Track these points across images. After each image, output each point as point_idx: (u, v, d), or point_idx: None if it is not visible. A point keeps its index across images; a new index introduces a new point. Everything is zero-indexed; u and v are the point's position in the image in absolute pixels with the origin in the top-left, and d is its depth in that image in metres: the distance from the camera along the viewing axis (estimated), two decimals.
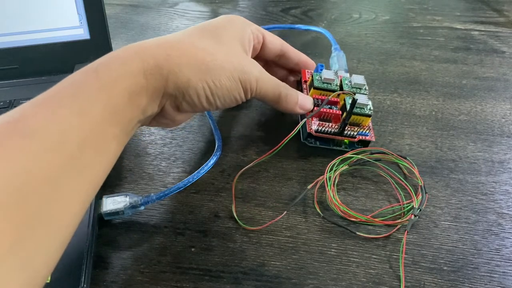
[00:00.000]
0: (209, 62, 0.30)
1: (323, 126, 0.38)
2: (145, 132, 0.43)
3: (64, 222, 0.22)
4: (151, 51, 0.28)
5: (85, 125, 0.24)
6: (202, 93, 0.30)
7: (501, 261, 0.31)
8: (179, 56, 0.29)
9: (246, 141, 0.42)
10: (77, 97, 0.24)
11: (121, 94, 0.26)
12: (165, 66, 0.28)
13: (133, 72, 0.27)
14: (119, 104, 0.26)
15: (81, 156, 0.23)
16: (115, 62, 0.27)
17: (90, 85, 0.25)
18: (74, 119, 0.23)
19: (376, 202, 0.35)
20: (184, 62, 0.29)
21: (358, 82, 0.39)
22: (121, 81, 0.26)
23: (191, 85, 0.29)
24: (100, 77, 0.26)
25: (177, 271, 0.31)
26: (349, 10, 0.66)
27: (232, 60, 0.31)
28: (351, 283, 0.30)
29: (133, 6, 0.67)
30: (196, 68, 0.29)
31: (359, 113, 0.37)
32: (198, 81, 0.29)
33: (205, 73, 0.30)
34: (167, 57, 0.28)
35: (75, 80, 0.26)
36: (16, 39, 0.44)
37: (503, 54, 0.54)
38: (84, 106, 0.24)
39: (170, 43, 0.30)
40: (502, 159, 0.39)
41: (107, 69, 0.26)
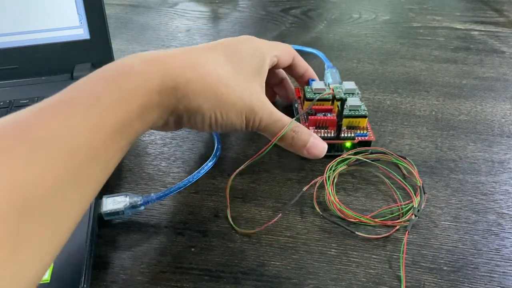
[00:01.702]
0: (223, 96, 0.30)
1: (320, 133, 0.38)
2: (145, 132, 0.43)
3: (62, 232, 0.22)
4: (173, 73, 0.28)
5: (97, 138, 0.23)
6: (207, 121, 0.31)
7: (501, 261, 0.31)
8: (197, 83, 0.29)
9: (246, 141, 0.42)
10: (94, 109, 0.24)
11: (136, 109, 0.26)
12: (182, 90, 0.28)
13: (151, 90, 0.27)
14: (132, 118, 0.26)
15: (88, 168, 0.23)
16: (136, 75, 0.27)
17: (109, 97, 0.25)
18: (86, 132, 0.23)
19: (376, 202, 0.35)
20: (201, 90, 0.29)
21: (349, 88, 0.40)
22: (139, 97, 0.26)
23: (200, 112, 0.30)
24: (119, 89, 0.25)
25: (177, 271, 0.31)
26: (349, 10, 0.66)
27: (245, 97, 0.32)
28: (351, 283, 0.30)
29: (133, 6, 0.67)
30: (210, 99, 0.30)
31: (354, 115, 0.38)
32: (208, 110, 0.30)
33: (216, 105, 0.30)
34: (186, 82, 0.29)
35: (93, 88, 0.25)
36: (16, 39, 0.44)
37: (503, 54, 0.54)
38: (99, 119, 0.24)
39: (193, 65, 0.30)
40: (502, 159, 0.39)
41: (127, 82, 0.26)
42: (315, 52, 0.52)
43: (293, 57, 0.40)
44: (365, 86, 0.49)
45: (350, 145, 0.39)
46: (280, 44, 0.38)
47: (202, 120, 0.31)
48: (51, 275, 0.29)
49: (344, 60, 0.53)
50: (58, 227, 0.22)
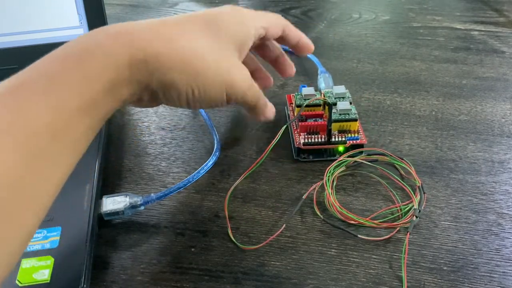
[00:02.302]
0: (200, 70, 0.28)
1: (311, 139, 0.38)
2: (145, 132, 0.43)
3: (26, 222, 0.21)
4: (142, 46, 0.26)
5: (59, 120, 0.22)
6: (184, 96, 0.29)
7: (501, 261, 0.31)
8: (170, 57, 0.27)
9: (245, 141, 0.42)
10: (53, 90, 0.22)
11: (103, 87, 0.24)
12: (153, 63, 0.27)
13: (118, 64, 0.25)
14: (100, 96, 0.24)
15: (51, 153, 0.22)
16: (100, 51, 0.25)
17: (70, 76, 0.23)
18: (47, 114, 0.22)
19: (376, 202, 0.35)
20: (174, 64, 0.27)
21: (339, 92, 0.41)
22: (105, 74, 0.24)
23: (174, 87, 0.28)
24: (82, 68, 0.24)
25: (177, 271, 0.31)
26: (349, 10, 0.66)
27: (223, 71, 0.30)
28: (351, 283, 0.30)
29: (133, 6, 0.67)
30: (185, 73, 0.28)
31: (345, 119, 0.38)
32: (183, 85, 0.28)
33: (192, 79, 0.28)
34: (157, 54, 0.27)
35: (52, 67, 0.23)
36: (16, 39, 0.44)
37: (503, 54, 0.54)
38: (60, 100, 0.22)
39: (164, 37, 0.27)
40: (502, 159, 0.39)
41: (90, 59, 0.24)
42: (309, 56, 0.52)
43: (283, 28, 0.36)
44: (365, 86, 0.49)
45: (343, 149, 0.39)
46: (268, 15, 0.35)
47: (178, 95, 0.29)
48: (51, 275, 0.29)
49: (344, 60, 0.53)
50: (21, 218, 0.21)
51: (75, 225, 0.32)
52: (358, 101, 0.46)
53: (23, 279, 0.28)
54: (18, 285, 0.28)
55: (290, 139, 0.41)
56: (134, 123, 0.44)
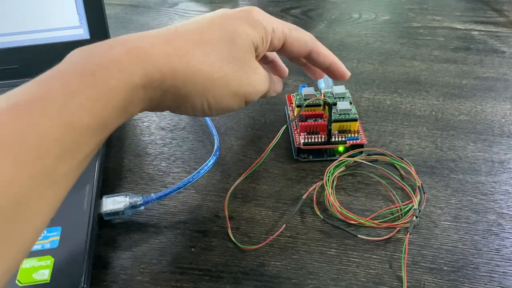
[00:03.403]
0: (215, 80, 0.27)
1: (311, 139, 0.38)
2: (145, 132, 0.43)
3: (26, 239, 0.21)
4: (157, 62, 0.25)
5: (69, 138, 0.22)
6: (199, 107, 0.28)
7: (501, 261, 0.31)
8: (186, 73, 0.26)
9: (246, 141, 0.42)
10: (67, 107, 0.22)
11: (116, 107, 0.24)
12: (169, 81, 0.26)
13: (133, 84, 0.24)
14: (112, 115, 0.24)
15: (57, 171, 0.21)
16: (115, 67, 0.24)
17: (85, 93, 0.22)
18: (58, 131, 0.21)
19: (376, 202, 0.35)
20: (190, 78, 0.26)
21: (339, 92, 0.40)
22: (119, 93, 0.24)
23: (189, 100, 0.27)
24: (97, 85, 0.23)
25: (177, 271, 0.31)
26: (349, 10, 0.66)
27: (240, 76, 0.29)
28: (351, 283, 0.30)
29: (133, 6, 0.67)
30: (200, 86, 0.27)
31: (345, 119, 0.38)
32: (198, 97, 0.27)
33: (208, 90, 0.27)
34: (173, 72, 0.26)
35: (68, 83, 0.23)
36: (16, 39, 0.44)
37: (503, 54, 0.54)
38: (73, 118, 0.22)
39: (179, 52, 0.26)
40: (502, 159, 0.39)
41: (105, 75, 0.23)
42: None
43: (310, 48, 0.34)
44: (365, 86, 0.49)
45: (343, 149, 0.39)
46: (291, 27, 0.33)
47: (193, 108, 0.28)
48: (51, 275, 0.29)
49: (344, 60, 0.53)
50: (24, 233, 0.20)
51: (75, 225, 0.32)
52: (358, 101, 0.46)
53: (23, 279, 0.28)
54: (18, 285, 0.28)
55: (290, 139, 0.41)
56: (134, 123, 0.44)
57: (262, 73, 0.31)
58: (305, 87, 0.42)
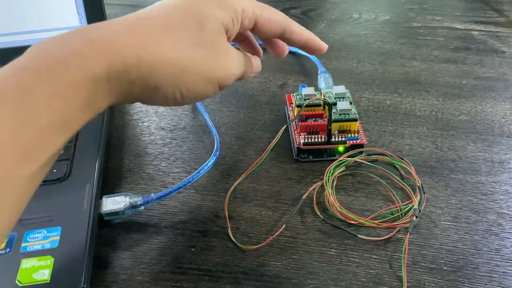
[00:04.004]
0: (185, 68, 0.26)
1: (311, 139, 0.38)
2: (145, 132, 0.43)
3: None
4: (119, 52, 0.24)
5: (27, 138, 0.20)
6: (171, 96, 0.26)
7: (501, 261, 0.31)
8: (152, 62, 0.25)
9: (245, 141, 0.42)
10: (22, 105, 0.20)
11: (78, 103, 0.22)
12: (134, 71, 0.24)
13: (96, 76, 0.23)
14: (74, 112, 0.22)
15: (19, 174, 0.20)
16: (75, 60, 0.22)
17: (41, 90, 0.21)
18: (13, 132, 0.20)
19: (376, 202, 0.35)
20: (157, 68, 0.25)
21: (339, 92, 0.40)
22: (80, 87, 0.22)
23: (159, 91, 0.26)
24: (55, 80, 0.21)
25: (177, 271, 0.31)
26: (349, 10, 0.66)
27: (211, 61, 0.27)
28: (351, 283, 0.30)
29: (133, 6, 0.67)
30: (169, 75, 0.25)
31: (345, 119, 0.38)
32: (169, 87, 0.26)
33: (178, 79, 0.26)
34: (138, 60, 0.24)
35: (22, 78, 0.21)
36: (16, 39, 0.44)
37: (503, 54, 0.54)
38: (29, 117, 0.20)
39: (145, 40, 0.25)
40: (502, 159, 0.39)
41: (64, 70, 0.22)
42: (309, 56, 0.52)
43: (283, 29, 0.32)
44: (365, 86, 0.49)
45: (343, 149, 0.39)
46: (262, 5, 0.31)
47: (164, 98, 0.26)
48: (51, 275, 0.29)
49: (344, 60, 0.53)
50: None
51: (75, 225, 0.32)
52: (358, 101, 0.46)
53: (23, 279, 0.28)
54: (18, 285, 0.28)
55: (290, 139, 0.41)
56: (134, 123, 0.44)
57: (235, 56, 0.29)
58: (305, 87, 0.42)
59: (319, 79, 0.46)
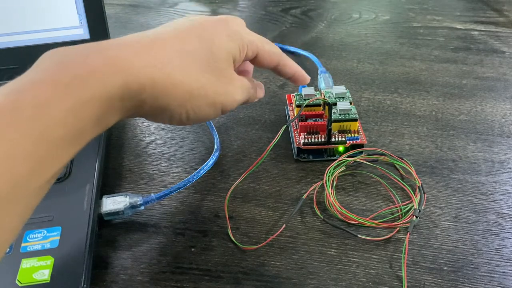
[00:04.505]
0: (194, 91, 0.27)
1: (311, 139, 0.38)
2: (145, 132, 0.43)
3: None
4: (137, 73, 0.25)
5: (41, 151, 0.21)
6: (177, 118, 0.28)
7: (501, 261, 0.31)
8: (164, 83, 0.26)
9: (245, 141, 0.42)
10: (38, 119, 0.21)
11: (91, 119, 0.23)
12: (147, 92, 0.25)
13: (110, 94, 0.23)
14: (87, 127, 0.23)
15: (29, 185, 0.21)
16: (93, 78, 0.23)
17: (58, 105, 0.21)
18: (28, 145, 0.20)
19: (376, 202, 0.35)
20: (168, 89, 0.26)
21: (339, 92, 0.40)
22: (95, 104, 0.23)
23: (166, 111, 0.27)
24: (71, 97, 0.22)
25: (177, 271, 0.31)
26: (349, 10, 0.66)
27: (217, 86, 0.29)
28: (351, 283, 0.30)
29: (133, 6, 0.67)
30: (179, 97, 0.27)
31: (345, 119, 0.38)
32: (177, 108, 0.27)
33: (187, 101, 0.27)
34: (152, 83, 0.25)
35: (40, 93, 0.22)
36: (16, 39, 0.44)
37: (503, 54, 0.54)
38: (45, 130, 0.21)
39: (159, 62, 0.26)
40: (502, 159, 0.39)
41: (82, 87, 0.22)
42: (309, 55, 0.52)
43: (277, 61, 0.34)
44: (365, 86, 0.49)
45: (343, 149, 0.39)
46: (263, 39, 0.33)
47: (170, 118, 0.28)
48: (51, 275, 0.29)
49: (344, 60, 0.53)
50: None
51: (75, 225, 0.32)
52: (358, 101, 0.46)
53: (23, 279, 0.28)
54: (18, 285, 0.28)
55: (290, 139, 0.41)
56: (134, 123, 0.44)
57: (239, 84, 0.31)
58: (305, 87, 0.42)
59: (319, 79, 0.46)
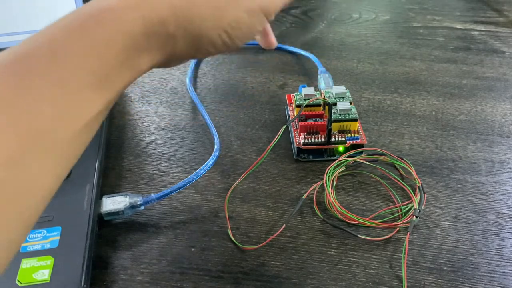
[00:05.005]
0: (223, 4, 0.24)
1: (311, 139, 0.38)
2: (145, 132, 0.43)
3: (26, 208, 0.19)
4: (154, 5, 0.23)
5: (65, 96, 0.20)
6: (218, 41, 0.25)
7: (501, 261, 0.31)
8: (187, 7, 0.23)
9: (246, 141, 0.42)
10: (56, 64, 0.20)
11: (116, 58, 0.21)
12: (172, 22, 0.23)
13: (132, 31, 0.22)
14: (113, 69, 0.21)
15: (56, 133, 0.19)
16: (108, 17, 0.21)
17: (75, 48, 0.20)
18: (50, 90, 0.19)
19: (376, 202, 0.35)
20: (194, 12, 0.24)
21: (339, 92, 0.40)
22: (117, 43, 0.21)
23: (204, 37, 0.24)
24: (88, 38, 0.21)
25: (177, 271, 0.31)
26: (349, 10, 0.66)
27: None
28: (351, 283, 0.30)
29: None
30: (209, 17, 0.24)
31: (344, 119, 0.38)
32: (213, 30, 0.24)
33: (219, 19, 0.24)
34: (173, 10, 0.23)
35: (54, 38, 0.21)
36: (16, 39, 0.44)
37: (503, 54, 0.54)
38: (64, 74, 0.20)
39: None
40: (502, 159, 0.39)
41: (97, 25, 0.21)
42: (309, 56, 0.52)
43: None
44: (365, 86, 0.49)
45: (343, 149, 0.39)
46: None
47: (212, 44, 0.25)
48: (51, 275, 0.29)
49: (344, 60, 0.53)
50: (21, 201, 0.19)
51: (75, 225, 0.32)
52: (358, 101, 0.46)
53: (23, 279, 0.28)
54: (18, 285, 0.28)
55: (290, 139, 0.41)
56: (134, 123, 0.44)
57: None
58: (305, 87, 0.42)
59: (319, 79, 0.46)
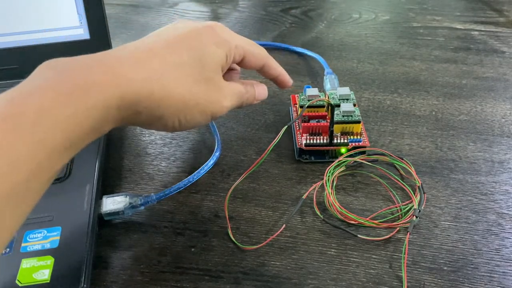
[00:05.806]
0: (187, 101, 0.29)
1: (313, 140, 0.38)
2: (145, 132, 0.43)
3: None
4: (135, 85, 0.26)
5: (41, 155, 0.22)
6: (170, 125, 0.29)
7: (501, 261, 0.31)
8: (160, 94, 0.27)
9: (246, 141, 0.42)
10: (41, 125, 0.22)
11: (90, 126, 0.24)
12: (144, 103, 0.27)
13: (109, 105, 0.25)
14: (85, 134, 0.24)
15: (28, 187, 0.22)
16: (93, 88, 0.24)
17: (60, 112, 0.23)
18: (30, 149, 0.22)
19: (376, 202, 0.35)
20: (163, 101, 0.28)
21: (343, 93, 0.40)
22: (94, 113, 0.24)
23: (161, 120, 0.28)
24: (73, 105, 0.23)
25: (177, 271, 0.31)
26: (349, 10, 0.66)
27: (208, 95, 0.30)
28: (351, 283, 0.30)
29: (133, 6, 0.67)
30: (174, 107, 0.28)
31: (347, 121, 0.38)
32: (170, 117, 0.29)
33: (180, 111, 0.29)
34: (149, 95, 0.27)
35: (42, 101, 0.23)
36: (16, 39, 0.44)
37: (503, 54, 0.54)
38: (46, 136, 0.22)
39: (155, 74, 0.27)
40: (502, 159, 0.39)
41: (83, 96, 0.24)
42: (316, 57, 0.52)
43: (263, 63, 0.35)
44: (365, 86, 0.49)
45: (345, 151, 0.38)
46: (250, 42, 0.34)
47: (164, 125, 0.29)
48: (51, 275, 0.29)
49: (344, 60, 0.53)
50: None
51: (75, 225, 0.32)
52: (358, 101, 0.46)
53: (23, 279, 0.28)
54: (18, 285, 0.28)
55: (293, 140, 0.41)
56: None
57: (228, 91, 0.32)
58: (309, 88, 0.42)
59: (325, 80, 0.46)
